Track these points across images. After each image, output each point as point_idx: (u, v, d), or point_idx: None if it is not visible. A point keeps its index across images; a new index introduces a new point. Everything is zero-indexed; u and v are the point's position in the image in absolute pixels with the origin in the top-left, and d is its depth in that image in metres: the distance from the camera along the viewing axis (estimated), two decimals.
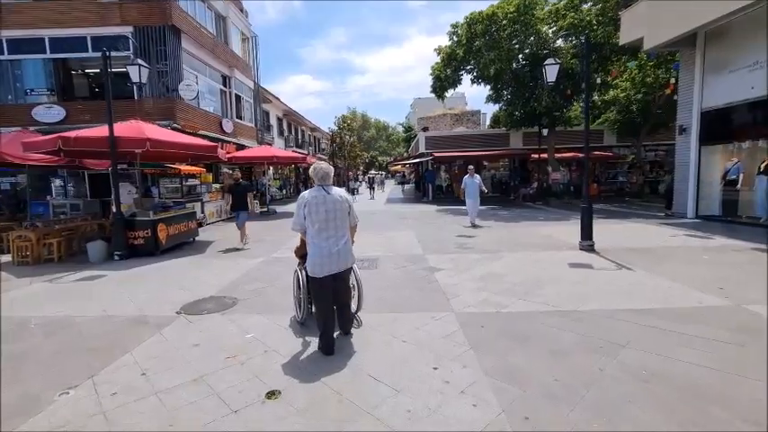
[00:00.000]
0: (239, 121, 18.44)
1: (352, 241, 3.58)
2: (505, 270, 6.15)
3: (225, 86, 17.44)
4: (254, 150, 15.49)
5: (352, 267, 3.61)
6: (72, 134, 7.21)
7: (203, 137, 14.14)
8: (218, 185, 13.99)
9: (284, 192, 27.66)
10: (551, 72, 7.96)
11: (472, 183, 11.22)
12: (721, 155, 11.12)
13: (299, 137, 35.42)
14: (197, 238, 9.83)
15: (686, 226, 10.08)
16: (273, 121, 27.50)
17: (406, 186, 38.87)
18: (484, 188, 11.55)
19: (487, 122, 41.82)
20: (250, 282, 5.90)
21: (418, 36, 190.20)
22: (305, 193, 3.32)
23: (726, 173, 10.61)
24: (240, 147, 17.34)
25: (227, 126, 16.56)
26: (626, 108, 18.36)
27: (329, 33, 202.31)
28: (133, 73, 7.46)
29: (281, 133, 29.31)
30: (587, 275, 5.73)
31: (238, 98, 18.56)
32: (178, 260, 7.55)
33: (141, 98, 12.91)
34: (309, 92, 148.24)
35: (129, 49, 12.66)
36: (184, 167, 11.25)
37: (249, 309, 4.67)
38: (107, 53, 7.19)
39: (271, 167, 26.84)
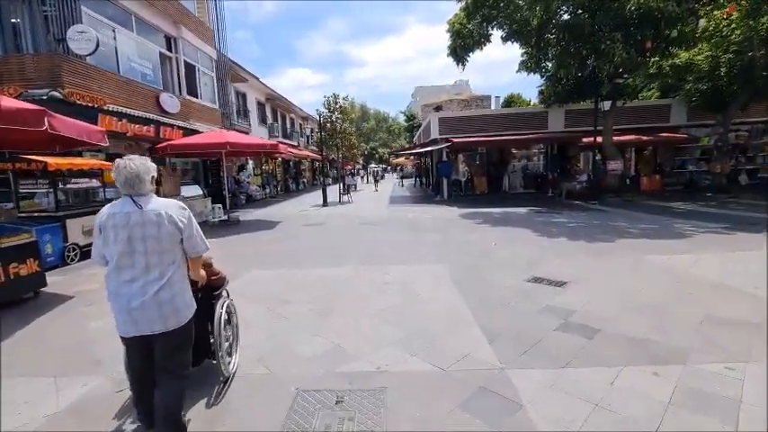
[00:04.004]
0: (192, 98, 13.80)
1: (207, 278, 2.60)
2: None
3: (169, 50, 12.80)
4: (200, 137, 10.92)
5: (183, 328, 2.15)
6: None
7: (121, 116, 9.58)
8: None
9: (267, 190, 23.08)
10: None
11: None
12: None
13: (288, 126, 30.74)
14: (45, 289, 5.31)
15: None
16: (252, 106, 22.83)
17: (406, 181, 34.01)
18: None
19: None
20: None
21: (417, 25, 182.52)
22: (103, 210, 2.10)
23: None
24: (194, 133, 12.72)
25: (170, 104, 11.94)
26: (710, 74, 13.65)
27: (327, 25, 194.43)
28: None
29: (262, 120, 24.63)
30: None
31: (191, 69, 13.90)
32: None
33: (8, 54, 8.31)
34: (309, 85, 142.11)
35: None
36: (58, 161, 6.71)
37: None
38: None
39: (251, 161, 22.31)
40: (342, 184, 20.30)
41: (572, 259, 6.11)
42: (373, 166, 49.92)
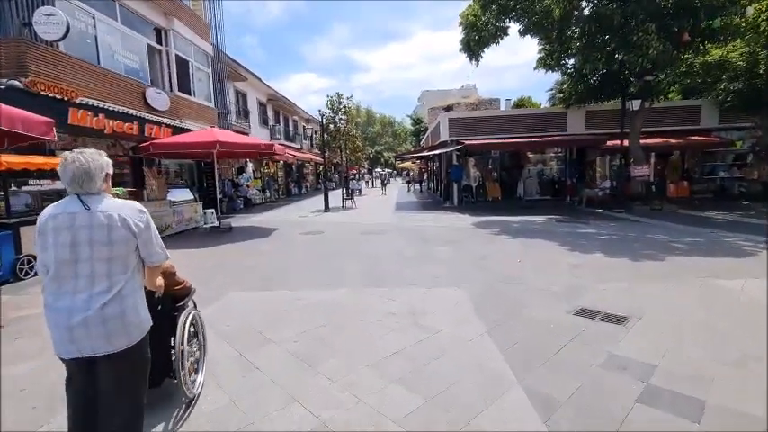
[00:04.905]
0: (184, 95, 12.86)
1: (168, 288, 2.32)
2: None
3: (159, 43, 11.88)
4: (188, 135, 9.96)
5: (135, 348, 1.80)
6: None
7: (97, 110, 8.62)
8: (120, 190, 8.42)
9: (268, 194, 22.10)
10: None
11: None
12: None
13: (291, 128, 29.82)
14: None
15: None
16: (253, 107, 21.94)
17: (413, 186, 32.77)
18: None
19: None
20: None
21: (422, 31, 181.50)
22: (45, 210, 1.80)
23: None
24: (185, 132, 11.76)
25: (158, 101, 10.99)
26: (747, 72, 12.51)
27: (332, 30, 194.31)
28: None
29: (264, 122, 23.73)
30: None
31: (183, 64, 12.98)
32: None
33: None
34: (314, 90, 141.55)
35: None
36: (9, 159, 5.73)
37: None
38: None
39: (250, 164, 21.38)
40: (345, 188, 19.26)
41: (620, 283, 4.99)
42: (379, 170, 48.98)
